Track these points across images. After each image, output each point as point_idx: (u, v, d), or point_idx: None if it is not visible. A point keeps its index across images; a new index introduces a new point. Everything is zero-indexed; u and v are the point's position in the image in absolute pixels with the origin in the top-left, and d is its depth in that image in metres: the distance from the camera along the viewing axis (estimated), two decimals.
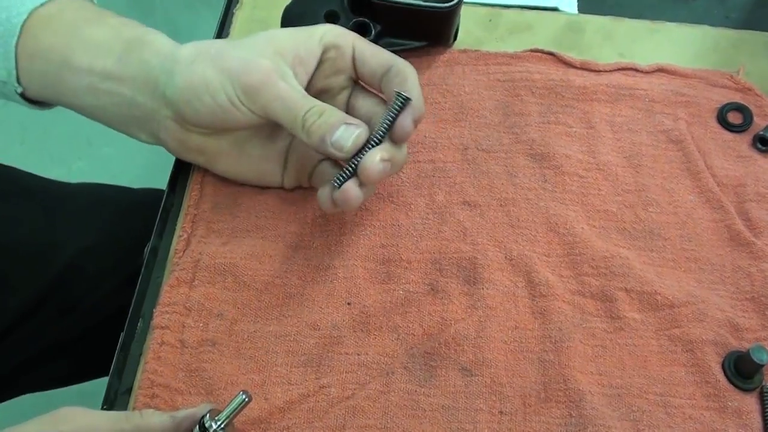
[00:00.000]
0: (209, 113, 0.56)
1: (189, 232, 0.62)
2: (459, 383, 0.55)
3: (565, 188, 0.64)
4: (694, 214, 0.63)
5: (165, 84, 0.56)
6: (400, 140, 0.56)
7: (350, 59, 0.58)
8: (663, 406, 0.55)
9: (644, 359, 0.57)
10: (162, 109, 0.57)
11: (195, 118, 0.57)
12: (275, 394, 0.54)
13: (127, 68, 0.57)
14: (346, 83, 0.60)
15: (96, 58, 0.57)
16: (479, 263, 0.60)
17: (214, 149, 0.60)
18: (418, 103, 0.56)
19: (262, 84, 0.54)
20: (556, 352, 0.56)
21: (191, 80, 0.55)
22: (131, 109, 0.58)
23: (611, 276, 0.59)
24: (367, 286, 0.59)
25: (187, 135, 0.58)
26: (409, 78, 0.57)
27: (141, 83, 0.57)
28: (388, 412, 0.54)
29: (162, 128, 0.59)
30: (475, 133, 0.67)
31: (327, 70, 0.59)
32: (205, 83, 0.55)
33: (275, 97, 0.54)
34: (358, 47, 0.58)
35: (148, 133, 0.60)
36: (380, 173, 0.54)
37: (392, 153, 0.55)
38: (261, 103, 0.55)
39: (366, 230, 0.62)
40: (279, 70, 0.55)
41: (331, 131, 0.54)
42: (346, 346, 0.57)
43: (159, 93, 0.56)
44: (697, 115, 0.69)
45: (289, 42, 0.57)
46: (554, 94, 0.69)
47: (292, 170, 0.62)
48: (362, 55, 0.58)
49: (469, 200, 0.63)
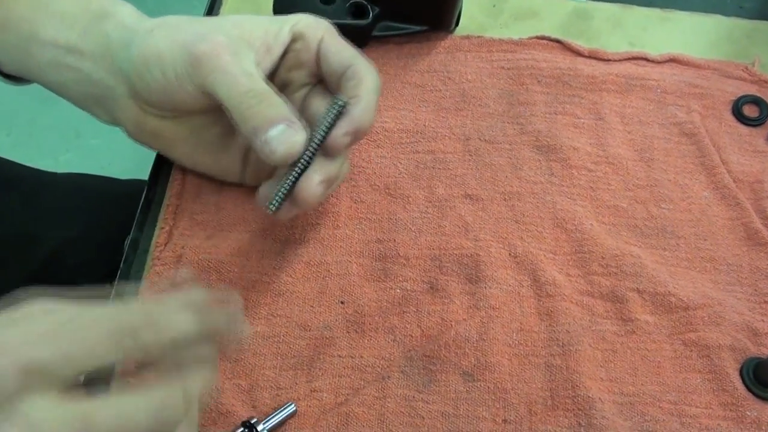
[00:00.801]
0: (160, 89, 0.51)
1: (171, 224, 0.58)
2: (460, 389, 0.51)
3: (573, 182, 0.60)
4: (709, 212, 0.60)
5: (121, 59, 0.52)
6: (332, 153, 0.50)
7: (314, 53, 0.53)
8: (677, 415, 0.51)
9: (657, 365, 0.53)
10: (119, 86, 0.53)
11: (147, 94, 0.52)
12: (263, 400, 0.51)
13: (88, 42, 0.53)
14: (307, 79, 0.55)
15: (61, 32, 0.53)
16: (482, 260, 0.56)
17: (171, 134, 0.55)
18: (362, 113, 0.50)
19: (207, 56, 0.49)
20: (564, 356, 0.53)
21: (145, 51, 0.50)
22: (89, 86, 0.54)
23: (622, 276, 0.56)
24: (361, 283, 0.55)
25: (143, 116, 0.54)
26: (364, 82, 0.51)
27: (99, 57, 0.53)
28: (384, 419, 0.50)
29: (119, 107, 0.54)
30: (478, 123, 0.63)
31: (290, 61, 0.54)
32: (157, 55, 0.50)
33: (218, 70, 0.48)
34: (325, 42, 0.53)
35: (106, 112, 0.56)
36: (319, 198, 0.49)
37: (329, 171, 0.50)
38: (203, 77, 0.49)
39: (361, 224, 0.58)
40: (232, 47, 0.49)
41: (266, 124, 0.47)
42: (339, 348, 0.53)
43: (116, 68, 0.52)
44: (711, 107, 0.65)
45: (258, 29, 0.52)
46: (561, 84, 0.65)
47: (252, 167, 0.57)
48: (327, 50, 0.53)
49: (471, 193, 0.60)
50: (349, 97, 0.50)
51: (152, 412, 0.37)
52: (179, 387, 0.39)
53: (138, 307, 0.39)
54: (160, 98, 0.52)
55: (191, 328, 0.40)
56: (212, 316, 0.41)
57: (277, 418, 0.49)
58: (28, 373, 0.34)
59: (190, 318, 0.39)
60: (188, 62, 0.49)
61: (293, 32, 0.53)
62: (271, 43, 0.52)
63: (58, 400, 0.35)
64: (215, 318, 0.41)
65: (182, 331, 0.39)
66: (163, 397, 0.38)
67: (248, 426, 0.49)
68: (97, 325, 0.36)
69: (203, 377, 0.41)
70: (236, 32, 0.51)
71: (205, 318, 0.40)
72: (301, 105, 0.55)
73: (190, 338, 0.40)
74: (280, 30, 0.53)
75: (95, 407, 0.35)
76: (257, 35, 0.52)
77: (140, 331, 0.37)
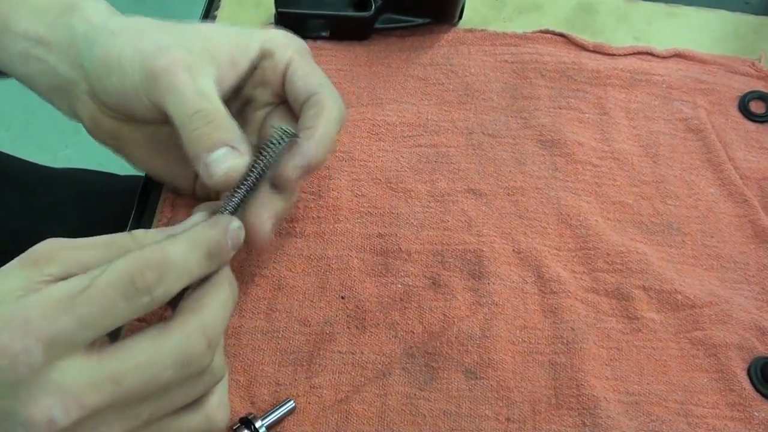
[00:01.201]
0: (117, 95, 0.49)
1: (169, 217, 0.57)
2: (462, 387, 0.50)
3: (578, 177, 0.59)
4: (716, 209, 0.59)
5: (84, 55, 0.50)
6: (281, 187, 0.47)
7: (281, 74, 0.51)
8: (684, 415, 0.50)
9: (663, 364, 0.52)
10: (80, 81, 0.51)
11: (105, 97, 0.50)
12: (262, 396, 0.50)
13: (55, 34, 0.51)
14: (271, 99, 0.53)
15: (32, 23, 0.51)
16: (485, 256, 0.55)
17: (127, 137, 0.53)
18: (314, 148, 0.47)
19: (163, 72, 0.46)
20: (569, 354, 0.52)
21: (106, 55, 0.48)
22: (54, 78, 0.52)
23: (628, 273, 0.55)
24: (362, 278, 0.54)
25: (100, 116, 0.52)
26: (324, 113, 0.48)
27: (64, 50, 0.51)
28: (385, 417, 0.49)
29: (79, 102, 0.52)
30: (481, 117, 0.62)
31: (257, 78, 0.52)
32: (118, 61, 0.48)
33: (170, 88, 0.46)
34: (294, 63, 0.51)
35: (68, 106, 0.54)
36: (269, 235, 0.47)
37: (277, 207, 0.47)
38: (156, 94, 0.47)
39: (362, 218, 0.57)
40: (188, 63, 0.47)
41: (209, 147, 0.44)
42: (340, 343, 0.52)
43: (78, 63, 0.50)
44: (718, 103, 0.64)
45: (226, 42, 0.50)
46: (566, 78, 0.64)
47: (201, 183, 0.54)
48: (294, 73, 0.50)
49: (475, 188, 0.59)
50: (306, 127, 0.48)
51: (178, 357, 0.37)
52: (197, 323, 0.39)
53: (151, 257, 0.38)
54: (117, 103, 0.50)
55: (205, 270, 0.40)
56: (224, 251, 0.41)
57: (276, 415, 0.48)
58: (53, 346, 0.35)
59: (204, 262, 0.40)
60: (144, 76, 0.47)
61: (263, 49, 0.51)
62: (238, 57, 0.50)
63: (85, 360, 0.36)
64: (227, 251, 0.42)
65: (196, 276, 0.40)
66: (183, 339, 0.38)
67: (246, 423, 0.47)
68: (112, 287, 0.36)
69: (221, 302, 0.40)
70: (200, 45, 0.48)
71: (219, 255, 0.41)
72: (262, 124, 0.53)
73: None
74: (248, 45, 0.50)
75: (121, 363, 0.36)
76: (224, 48, 0.49)
77: (155, 288, 0.37)
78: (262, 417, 0.48)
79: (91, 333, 0.36)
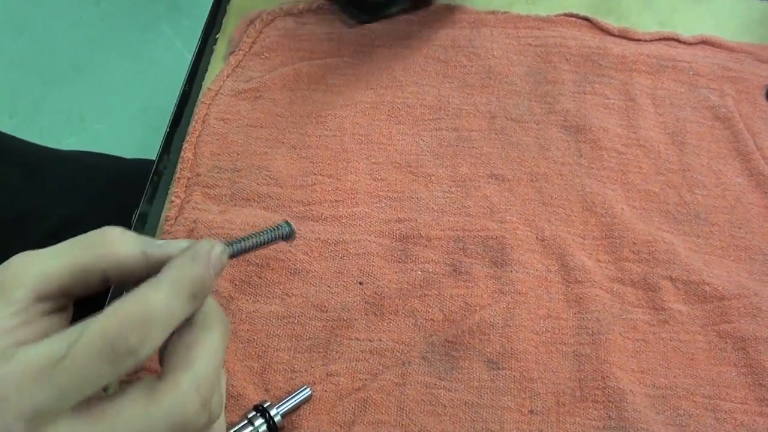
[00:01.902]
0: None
1: (182, 198, 0.55)
2: (484, 377, 0.49)
3: (603, 164, 0.58)
4: (744, 199, 0.57)
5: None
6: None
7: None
8: (712, 410, 0.48)
9: (691, 357, 0.50)
10: None
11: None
12: (276, 383, 0.48)
13: None
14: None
15: None
16: (507, 243, 0.53)
17: None
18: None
19: None
20: (594, 345, 0.50)
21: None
22: None
23: (654, 263, 0.53)
24: (381, 264, 0.53)
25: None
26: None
27: None
28: (404, 406, 0.47)
29: None
30: (504, 101, 0.60)
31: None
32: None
33: None
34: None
35: None
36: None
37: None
38: None
39: (381, 203, 0.55)
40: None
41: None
42: (357, 330, 0.50)
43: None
44: (745, 91, 0.63)
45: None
46: (590, 63, 0.63)
47: None
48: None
49: (497, 173, 0.57)
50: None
51: (171, 421, 0.34)
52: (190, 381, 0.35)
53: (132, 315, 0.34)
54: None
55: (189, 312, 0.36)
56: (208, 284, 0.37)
57: (291, 403, 0.47)
58: (35, 420, 0.32)
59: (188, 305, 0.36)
60: None
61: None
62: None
63: (73, 420, 0.33)
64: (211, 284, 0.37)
65: (182, 320, 0.36)
66: (177, 403, 0.34)
67: (260, 410, 0.46)
68: (92, 355, 0.33)
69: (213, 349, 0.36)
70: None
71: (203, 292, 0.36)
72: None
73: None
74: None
75: (111, 427, 0.33)
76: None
77: (138, 349, 0.34)
78: (276, 404, 0.46)
79: (74, 399, 0.33)
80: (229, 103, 0.60)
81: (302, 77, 0.61)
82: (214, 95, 0.60)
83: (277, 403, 0.46)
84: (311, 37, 0.63)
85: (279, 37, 0.63)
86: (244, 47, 0.63)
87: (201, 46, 0.64)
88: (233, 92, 0.60)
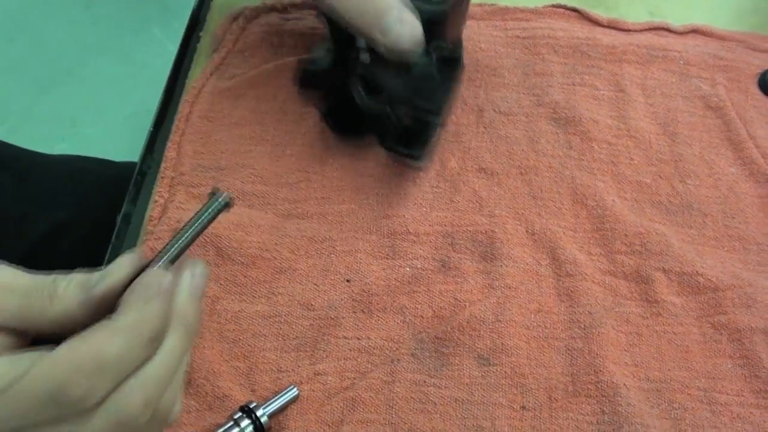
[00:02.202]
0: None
1: (165, 197, 0.54)
2: (475, 373, 0.48)
3: (593, 156, 0.57)
4: (737, 189, 0.56)
5: None
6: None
7: None
8: (707, 402, 0.48)
9: (685, 349, 0.49)
10: None
11: None
12: (263, 384, 0.47)
13: None
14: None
15: None
16: (497, 237, 0.52)
17: None
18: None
19: None
20: (586, 339, 0.49)
21: None
22: None
23: (647, 254, 0.52)
24: (369, 261, 0.52)
25: None
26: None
27: None
28: (393, 405, 0.47)
29: None
30: (492, 94, 0.59)
31: None
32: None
33: None
34: None
35: None
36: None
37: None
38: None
39: (368, 199, 0.54)
40: None
41: None
42: (345, 329, 0.49)
43: None
44: (737, 80, 0.62)
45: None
46: (579, 54, 0.62)
47: None
48: None
49: (486, 167, 0.56)
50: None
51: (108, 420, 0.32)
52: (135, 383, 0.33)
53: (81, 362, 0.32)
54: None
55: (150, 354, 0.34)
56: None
57: (278, 403, 0.46)
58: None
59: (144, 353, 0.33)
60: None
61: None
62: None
63: None
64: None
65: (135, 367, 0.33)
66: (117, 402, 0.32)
67: (247, 411, 0.45)
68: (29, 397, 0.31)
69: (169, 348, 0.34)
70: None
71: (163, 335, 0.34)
72: None
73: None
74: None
75: None
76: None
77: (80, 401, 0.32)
78: (263, 405, 0.45)
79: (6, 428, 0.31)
80: (212, 101, 0.59)
81: (287, 73, 0.60)
82: (198, 93, 0.59)
83: (263, 404, 0.46)
84: (295, 32, 0.62)
85: (263, 33, 0.62)
86: (227, 44, 0.62)
87: (184, 43, 0.63)
88: (217, 90, 0.59)
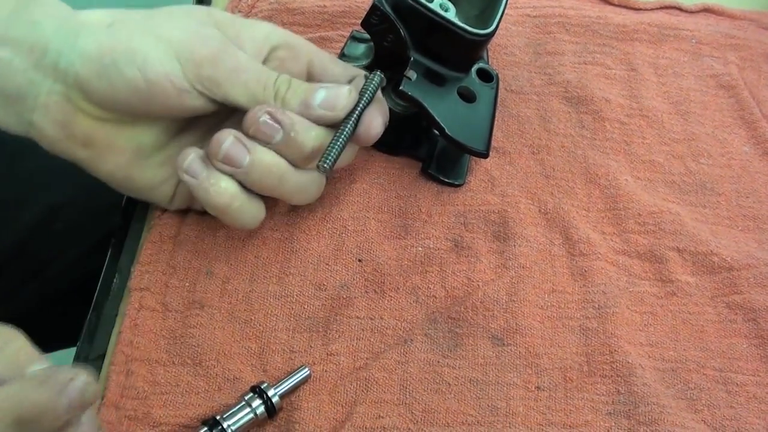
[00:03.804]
0: (130, 90, 0.45)
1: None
2: (489, 354, 0.47)
3: (606, 135, 0.56)
4: (750, 168, 0.56)
5: (61, 52, 0.45)
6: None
7: (305, 63, 0.50)
8: (723, 383, 0.47)
9: (700, 329, 0.49)
10: (45, 82, 0.45)
11: (107, 94, 0.45)
12: (275, 364, 0.47)
13: (13, 30, 0.45)
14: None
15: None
16: (510, 217, 0.52)
17: (106, 141, 0.48)
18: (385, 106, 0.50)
19: (218, 55, 0.45)
20: (600, 319, 0.49)
21: (111, 47, 0.44)
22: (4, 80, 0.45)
23: (661, 234, 0.52)
24: (381, 240, 0.51)
25: (74, 117, 0.46)
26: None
27: (27, 49, 0.45)
28: (407, 385, 0.46)
29: (39, 107, 0.46)
30: (503, 73, 0.59)
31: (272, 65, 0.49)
32: (131, 51, 0.44)
33: (235, 69, 0.45)
34: (319, 54, 0.51)
35: (14, 115, 0.47)
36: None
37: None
38: (217, 79, 0.45)
39: (379, 178, 0.54)
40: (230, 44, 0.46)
41: (311, 94, 0.47)
42: (358, 308, 0.49)
43: (48, 63, 0.45)
44: (749, 59, 0.61)
45: (229, 23, 0.48)
46: (591, 33, 0.61)
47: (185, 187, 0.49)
48: (321, 60, 0.50)
49: (498, 146, 0.55)
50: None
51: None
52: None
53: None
54: (125, 99, 0.45)
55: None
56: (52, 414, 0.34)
57: (289, 383, 0.45)
58: None
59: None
60: (194, 64, 0.44)
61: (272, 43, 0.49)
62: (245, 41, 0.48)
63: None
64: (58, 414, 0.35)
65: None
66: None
67: (258, 391, 0.44)
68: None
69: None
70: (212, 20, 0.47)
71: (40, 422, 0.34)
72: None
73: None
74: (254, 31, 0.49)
75: None
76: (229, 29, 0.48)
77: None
78: (275, 385, 0.45)
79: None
80: None
81: None
82: None
83: (275, 384, 0.45)
84: (304, 10, 0.62)
85: (271, 11, 0.62)
86: None
87: None
88: None
